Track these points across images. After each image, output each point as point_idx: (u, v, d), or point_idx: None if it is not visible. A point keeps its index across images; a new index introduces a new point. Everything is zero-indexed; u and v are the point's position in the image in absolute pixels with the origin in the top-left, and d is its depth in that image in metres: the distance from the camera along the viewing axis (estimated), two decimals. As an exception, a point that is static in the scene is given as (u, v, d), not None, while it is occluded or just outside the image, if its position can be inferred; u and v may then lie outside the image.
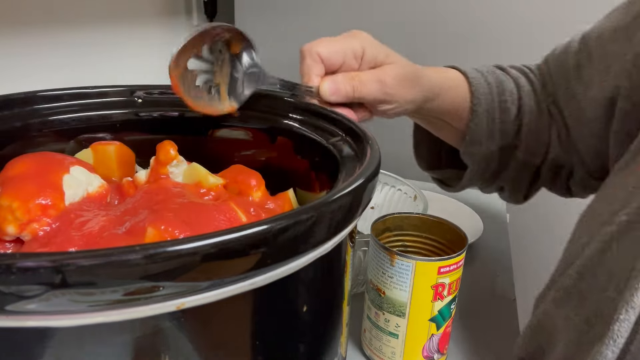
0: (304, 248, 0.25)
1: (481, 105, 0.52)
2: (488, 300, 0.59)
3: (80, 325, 0.20)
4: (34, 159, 0.34)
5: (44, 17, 0.71)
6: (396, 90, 0.46)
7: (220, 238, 0.21)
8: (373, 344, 0.47)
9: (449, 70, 0.54)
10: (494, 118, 0.53)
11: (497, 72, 0.55)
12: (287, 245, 0.23)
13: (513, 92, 0.53)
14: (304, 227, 0.24)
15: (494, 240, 0.72)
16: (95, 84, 0.43)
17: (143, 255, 0.19)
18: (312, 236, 0.25)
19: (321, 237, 0.26)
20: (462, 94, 0.53)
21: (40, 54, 0.71)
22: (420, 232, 0.48)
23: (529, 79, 0.55)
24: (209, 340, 0.24)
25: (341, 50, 0.45)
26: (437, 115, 0.54)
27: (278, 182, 0.41)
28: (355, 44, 0.46)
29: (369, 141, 0.35)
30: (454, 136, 0.56)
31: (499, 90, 0.53)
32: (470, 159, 0.55)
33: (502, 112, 0.53)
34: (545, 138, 0.53)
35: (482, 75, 0.54)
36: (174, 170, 0.39)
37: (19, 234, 0.30)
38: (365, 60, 0.46)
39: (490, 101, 0.52)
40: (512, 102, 0.53)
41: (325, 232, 0.26)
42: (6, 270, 0.18)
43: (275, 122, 0.42)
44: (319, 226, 0.25)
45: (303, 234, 0.24)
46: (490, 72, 0.55)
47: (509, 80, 0.54)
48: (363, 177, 0.28)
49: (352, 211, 0.27)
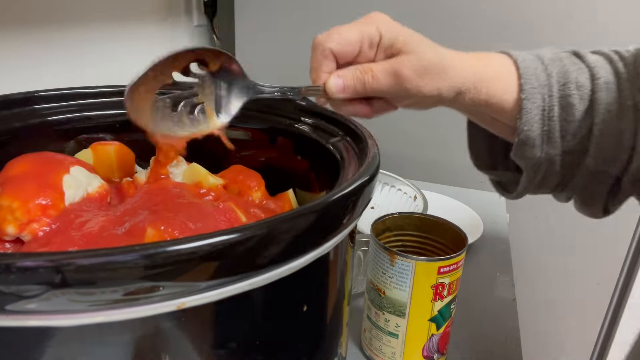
0: (304, 248, 0.25)
1: (533, 101, 0.43)
2: (488, 300, 0.59)
3: (80, 325, 0.20)
4: (34, 159, 0.34)
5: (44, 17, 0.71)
6: (414, 84, 0.41)
7: (219, 238, 0.21)
8: (373, 344, 0.47)
9: (493, 57, 0.46)
10: (552, 116, 0.44)
11: (566, 60, 0.45)
12: (287, 246, 0.23)
13: (583, 85, 0.43)
14: (304, 227, 0.24)
15: (494, 240, 0.72)
16: (95, 84, 0.43)
17: (143, 255, 0.19)
18: (311, 236, 0.25)
19: (321, 237, 0.26)
20: (507, 86, 0.44)
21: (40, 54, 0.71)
22: (420, 232, 0.48)
23: (615, 68, 0.44)
24: (209, 340, 0.24)
25: (356, 41, 0.41)
26: (478, 110, 0.46)
27: (278, 182, 0.41)
28: (371, 30, 0.41)
29: (369, 141, 0.35)
30: (508, 133, 0.47)
31: (562, 83, 0.44)
32: (523, 163, 0.46)
33: (565, 110, 0.44)
34: (628, 142, 0.43)
35: (540, 63, 0.45)
36: (174, 170, 0.39)
37: (19, 234, 0.30)
38: (381, 47, 0.42)
39: (548, 96, 0.44)
40: (581, 97, 0.43)
41: (325, 232, 0.26)
42: (6, 270, 0.18)
43: (275, 122, 0.42)
44: (319, 226, 0.25)
45: (303, 234, 0.24)
46: (554, 60, 0.45)
47: (582, 70, 0.44)
48: (363, 177, 0.28)
49: (352, 211, 0.27)
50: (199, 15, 1.04)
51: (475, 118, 0.49)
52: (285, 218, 0.23)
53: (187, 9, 1.02)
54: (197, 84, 0.37)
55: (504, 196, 0.53)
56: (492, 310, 0.58)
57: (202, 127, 0.38)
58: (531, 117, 0.44)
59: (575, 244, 0.91)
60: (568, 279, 0.94)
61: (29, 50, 0.69)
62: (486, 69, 0.44)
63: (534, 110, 0.44)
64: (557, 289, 0.95)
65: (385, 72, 0.41)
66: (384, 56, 0.42)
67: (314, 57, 0.41)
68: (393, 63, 0.41)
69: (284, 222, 0.23)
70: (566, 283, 0.94)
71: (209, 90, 0.38)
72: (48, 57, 0.72)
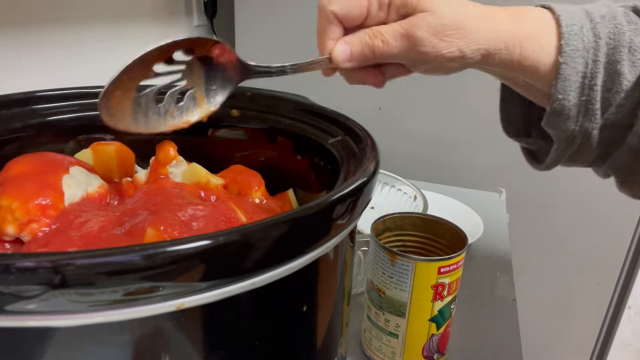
0: (304, 248, 0.25)
1: (573, 66, 0.38)
2: (488, 300, 0.59)
3: (80, 325, 0.20)
4: (33, 159, 0.34)
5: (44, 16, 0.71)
6: (431, 47, 0.36)
7: (219, 238, 0.21)
8: (373, 344, 0.47)
9: (531, 12, 0.40)
10: (594, 85, 0.38)
11: (621, 18, 0.39)
12: (287, 246, 0.23)
13: (638, 49, 0.37)
14: (304, 227, 0.24)
15: (494, 240, 0.72)
16: (95, 83, 0.43)
17: (142, 255, 0.19)
18: (312, 236, 0.25)
19: (321, 237, 0.26)
20: (545, 46, 0.38)
21: (39, 54, 0.71)
22: (420, 232, 0.48)
23: None
24: (209, 340, 0.24)
25: (363, 0, 0.37)
26: (511, 73, 0.40)
27: (278, 182, 0.41)
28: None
29: (369, 141, 0.35)
30: (545, 100, 0.41)
31: (612, 46, 0.38)
32: (555, 134, 0.41)
33: (610, 78, 0.38)
34: None
35: (589, 20, 0.38)
36: (174, 170, 0.39)
37: (19, 234, 0.30)
38: (393, 7, 0.37)
39: (592, 61, 0.38)
40: (633, 63, 0.37)
41: (325, 232, 0.26)
42: (5, 270, 0.18)
43: (275, 122, 0.42)
44: (319, 226, 0.25)
45: (303, 234, 0.24)
46: (607, 17, 0.39)
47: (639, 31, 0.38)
48: (363, 177, 0.28)
49: (352, 211, 0.27)
50: (199, 15, 1.04)
51: (508, 82, 0.44)
52: (285, 218, 0.23)
53: (187, 9, 1.02)
54: (184, 70, 0.35)
55: (533, 166, 0.47)
56: (492, 310, 0.58)
57: (193, 114, 0.36)
58: (569, 84, 0.38)
59: (575, 244, 0.91)
60: (568, 279, 0.94)
61: (29, 50, 0.69)
62: (521, 25, 0.38)
63: (573, 76, 0.38)
64: (557, 289, 0.95)
65: (397, 34, 0.36)
66: (397, 17, 0.37)
67: (319, 23, 0.38)
68: (405, 24, 0.36)
69: (284, 222, 0.23)
70: (566, 283, 0.94)
71: (197, 75, 0.35)
72: (48, 57, 0.72)
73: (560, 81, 0.38)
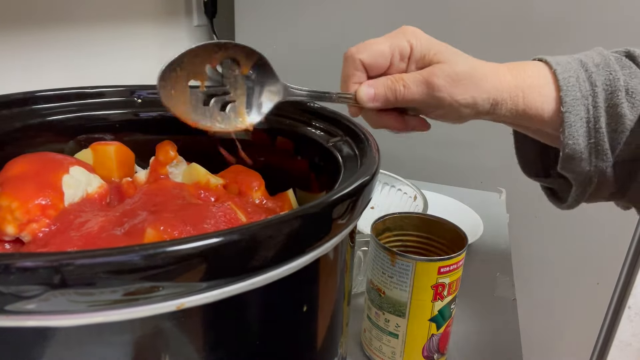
0: (304, 248, 0.25)
1: (576, 113, 0.40)
2: (488, 300, 0.59)
3: (80, 325, 0.20)
4: (33, 159, 0.34)
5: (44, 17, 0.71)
6: (447, 94, 0.40)
7: (219, 238, 0.21)
8: (373, 344, 0.47)
9: (529, 66, 0.43)
10: (599, 128, 0.40)
11: (614, 64, 0.41)
12: (287, 246, 0.23)
13: (635, 91, 0.40)
14: (304, 227, 0.24)
15: (494, 240, 0.72)
16: (95, 84, 0.43)
17: (142, 255, 0.19)
18: (312, 236, 0.25)
19: (321, 237, 0.26)
20: (546, 96, 0.41)
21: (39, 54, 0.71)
22: (420, 232, 0.48)
23: None
24: (209, 340, 0.24)
25: (387, 52, 0.41)
26: (519, 122, 0.44)
27: (278, 182, 0.41)
28: (402, 43, 0.41)
29: (369, 141, 0.35)
30: (557, 141, 0.43)
31: (609, 91, 0.40)
32: (572, 177, 0.43)
33: (613, 120, 0.40)
34: None
35: (584, 70, 0.41)
36: (174, 170, 0.39)
37: (19, 234, 0.30)
38: (413, 59, 0.42)
39: (593, 107, 0.40)
40: (632, 105, 0.40)
41: (325, 232, 0.26)
42: (5, 270, 0.18)
43: (275, 122, 0.42)
44: (319, 226, 0.25)
45: (303, 233, 0.24)
46: (601, 65, 0.41)
47: (635, 74, 0.41)
48: (363, 177, 0.28)
49: (352, 211, 0.27)
50: (199, 15, 1.04)
51: (520, 128, 0.47)
52: (286, 218, 0.23)
53: (187, 9, 1.02)
54: (230, 82, 0.38)
55: (557, 206, 0.49)
56: (492, 310, 0.58)
57: (234, 124, 0.38)
58: (575, 129, 0.40)
59: (575, 244, 0.91)
60: (568, 279, 0.94)
61: (29, 50, 0.69)
62: (522, 78, 0.42)
63: (577, 122, 0.40)
64: (557, 289, 0.95)
65: (417, 81, 0.40)
66: (416, 68, 0.42)
67: (345, 69, 0.42)
68: (424, 72, 0.40)
69: (284, 222, 0.23)
70: (566, 283, 0.94)
71: (241, 91, 0.38)
72: (48, 57, 0.72)
73: (566, 128, 0.40)
